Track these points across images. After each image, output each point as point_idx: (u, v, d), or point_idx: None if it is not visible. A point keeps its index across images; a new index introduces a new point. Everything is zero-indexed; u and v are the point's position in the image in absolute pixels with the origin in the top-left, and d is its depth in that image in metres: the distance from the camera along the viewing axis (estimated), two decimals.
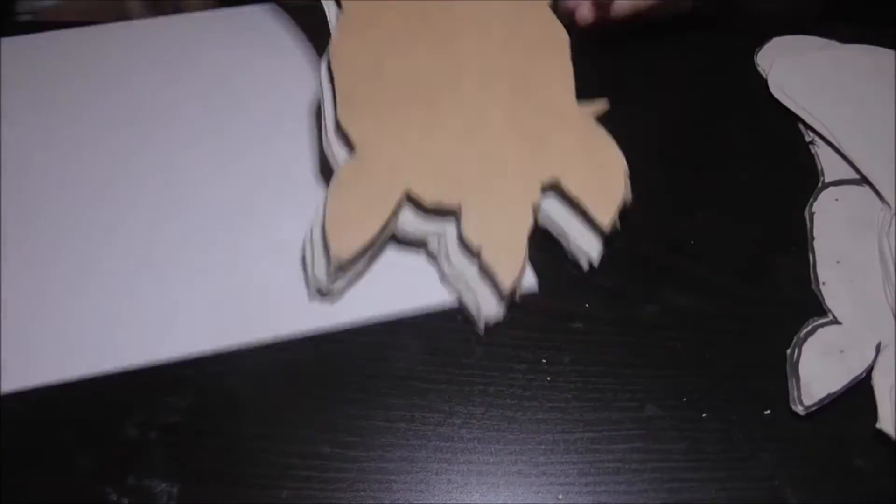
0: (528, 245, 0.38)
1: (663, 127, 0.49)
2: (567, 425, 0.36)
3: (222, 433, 0.35)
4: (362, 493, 0.33)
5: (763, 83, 0.51)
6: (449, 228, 0.39)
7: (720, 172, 0.46)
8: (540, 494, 0.34)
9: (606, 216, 0.40)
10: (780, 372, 0.38)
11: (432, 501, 0.33)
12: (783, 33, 0.55)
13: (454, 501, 0.33)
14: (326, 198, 0.38)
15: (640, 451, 0.35)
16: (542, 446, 0.35)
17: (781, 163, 0.47)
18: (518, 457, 0.35)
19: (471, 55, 0.44)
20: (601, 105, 0.43)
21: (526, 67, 0.44)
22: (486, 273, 0.38)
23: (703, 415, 0.36)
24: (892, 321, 0.39)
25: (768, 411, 0.36)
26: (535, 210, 0.39)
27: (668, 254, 0.42)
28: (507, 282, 0.37)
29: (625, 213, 0.41)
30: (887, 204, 0.44)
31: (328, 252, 0.37)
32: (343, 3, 0.44)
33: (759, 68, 0.53)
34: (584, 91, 0.50)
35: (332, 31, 0.44)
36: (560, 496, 0.34)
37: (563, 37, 0.45)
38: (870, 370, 0.37)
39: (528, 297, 0.39)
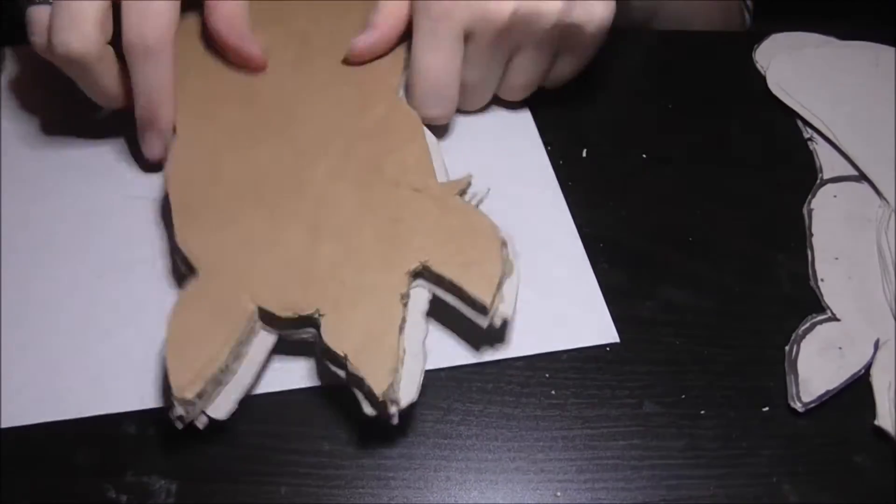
0: (400, 342, 0.34)
1: (661, 123, 0.49)
2: (565, 422, 0.36)
3: (221, 430, 0.34)
4: (360, 489, 0.33)
5: (761, 80, 0.51)
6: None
7: (718, 169, 0.46)
8: (538, 492, 0.34)
9: (487, 295, 0.35)
10: (779, 369, 0.38)
11: (430, 498, 0.33)
12: (782, 30, 0.55)
13: (452, 498, 0.33)
14: (168, 326, 0.34)
15: (639, 447, 0.35)
16: (541, 443, 0.35)
17: (780, 159, 0.47)
18: (516, 454, 0.35)
19: (315, 148, 0.40)
20: (464, 180, 0.40)
21: (376, 154, 0.40)
22: (356, 382, 0.33)
23: (702, 412, 0.36)
24: (891, 318, 0.39)
25: (767, 408, 0.36)
26: (405, 301, 0.35)
27: (667, 250, 0.42)
28: (379, 389, 0.32)
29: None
30: (886, 200, 0.44)
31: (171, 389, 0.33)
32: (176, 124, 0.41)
33: (758, 65, 0.53)
34: (587, 91, 0.50)
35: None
36: (558, 493, 0.34)
37: (414, 118, 0.42)
38: (868, 367, 0.37)
39: None
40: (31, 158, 0.45)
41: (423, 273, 0.36)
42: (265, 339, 0.35)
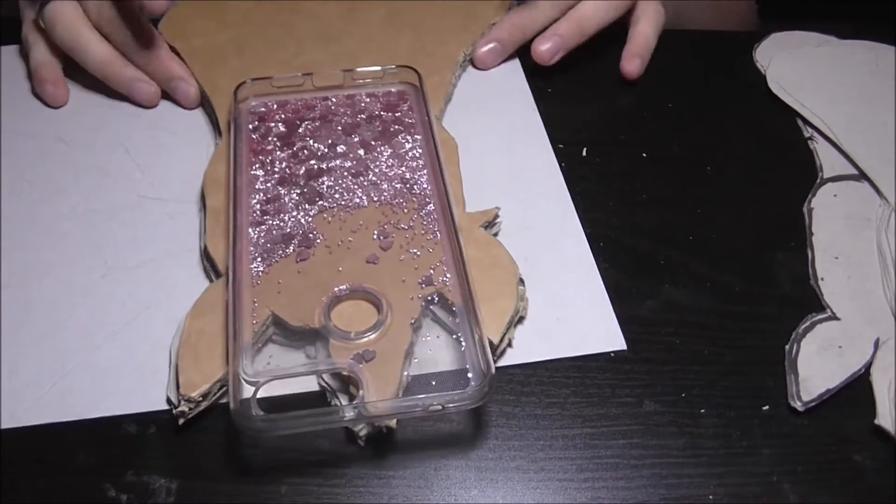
0: (404, 366, 0.34)
1: (661, 123, 0.49)
2: (565, 421, 0.36)
3: (221, 429, 0.35)
4: (361, 489, 0.33)
5: (762, 79, 0.51)
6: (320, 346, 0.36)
7: (719, 168, 0.46)
8: (538, 491, 0.34)
9: (495, 333, 0.36)
10: (779, 368, 0.38)
11: (430, 498, 0.33)
12: (782, 29, 0.55)
13: (452, 497, 0.33)
14: (183, 323, 0.36)
15: (639, 446, 0.35)
16: (541, 442, 0.35)
17: (780, 158, 0.47)
18: (517, 453, 0.35)
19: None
20: (491, 211, 0.41)
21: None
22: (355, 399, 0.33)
23: (702, 410, 0.36)
24: (891, 317, 0.39)
25: (767, 407, 0.36)
26: (415, 327, 0.35)
27: (667, 250, 0.42)
28: (379, 419, 0.33)
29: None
30: (886, 200, 0.44)
31: (178, 383, 0.34)
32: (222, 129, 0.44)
33: (758, 64, 0.53)
34: (587, 90, 0.50)
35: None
36: (559, 492, 0.34)
37: (450, 144, 0.44)
38: (868, 366, 0.37)
39: None
40: (38, 157, 0.45)
41: (438, 300, 0.36)
42: None
